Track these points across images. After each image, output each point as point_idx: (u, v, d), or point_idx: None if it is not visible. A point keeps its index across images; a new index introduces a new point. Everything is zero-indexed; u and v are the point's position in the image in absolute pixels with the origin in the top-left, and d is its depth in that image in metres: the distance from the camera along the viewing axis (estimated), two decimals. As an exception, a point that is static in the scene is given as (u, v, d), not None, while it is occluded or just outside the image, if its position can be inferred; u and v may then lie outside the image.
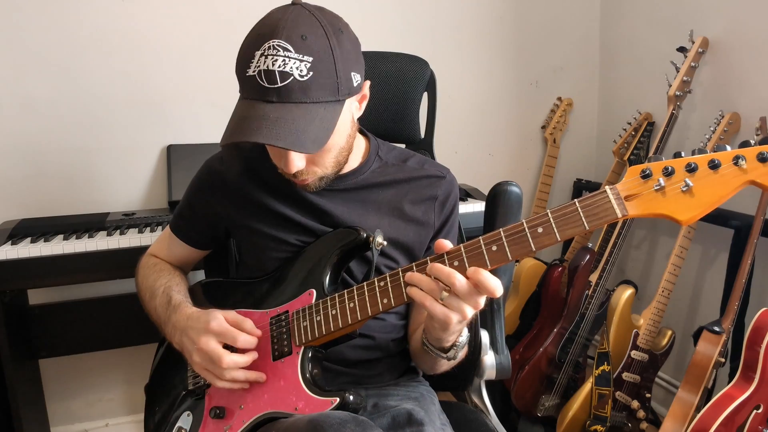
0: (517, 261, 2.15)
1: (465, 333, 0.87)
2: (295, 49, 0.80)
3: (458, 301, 0.75)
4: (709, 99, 1.83)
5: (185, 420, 0.95)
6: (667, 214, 0.69)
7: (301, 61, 0.80)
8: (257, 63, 0.81)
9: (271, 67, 0.80)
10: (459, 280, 0.74)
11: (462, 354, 0.90)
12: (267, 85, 0.80)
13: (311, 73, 0.81)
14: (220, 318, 0.88)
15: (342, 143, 0.92)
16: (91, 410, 2.04)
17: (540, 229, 0.73)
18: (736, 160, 0.67)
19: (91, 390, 2.03)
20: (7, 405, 1.63)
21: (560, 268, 1.97)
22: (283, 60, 0.80)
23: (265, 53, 0.80)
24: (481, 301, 0.76)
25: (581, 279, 1.83)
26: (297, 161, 0.88)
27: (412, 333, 1.03)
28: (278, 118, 0.80)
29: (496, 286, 0.73)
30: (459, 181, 1.96)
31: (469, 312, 0.76)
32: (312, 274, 0.94)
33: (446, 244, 0.79)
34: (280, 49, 0.80)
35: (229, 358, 0.86)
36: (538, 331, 1.95)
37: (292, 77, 0.80)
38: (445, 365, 0.95)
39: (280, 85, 0.80)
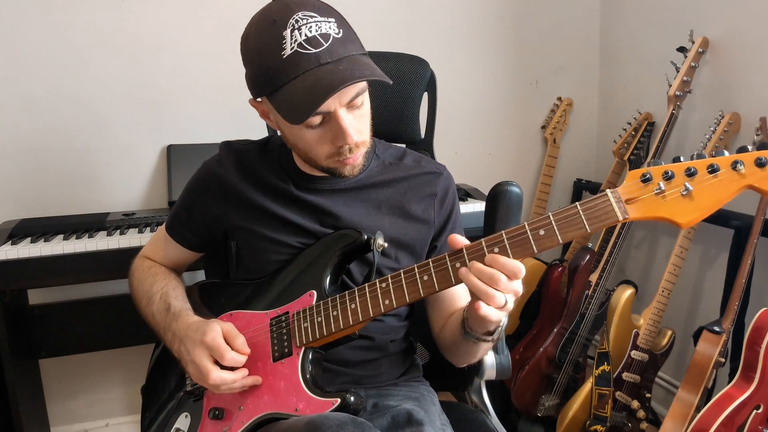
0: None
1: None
2: (318, 13, 0.83)
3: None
4: (709, 99, 1.83)
5: (183, 422, 0.94)
6: (667, 217, 0.70)
7: (328, 21, 0.83)
8: (292, 39, 0.81)
9: (309, 34, 0.81)
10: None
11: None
12: (315, 50, 0.81)
13: (341, 30, 0.84)
14: (216, 331, 0.87)
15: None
16: (91, 410, 2.04)
17: (542, 232, 0.74)
18: (735, 164, 0.68)
19: (91, 390, 2.03)
20: (7, 405, 1.63)
21: (560, 268, 1.97)
22: (316, 25, 0.82)
23: (294, 27, 0.81)
24: (514, 285, 0.75)
25: (581, 279, 1.83)
26: (364, 131, 0.90)
27: (441, 329, 1.01)
28: (346, 67, 0.82)
29: (515, 266, 0.74)
30: (459, 181, 1.98)
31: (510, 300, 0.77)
32: (312, 275, 0.94)
33: (460, 239, 0.79)
34: (307, 17, 0.82)
35: (216, 375, 0.85)
36: (538, 331, 1.95)
37: (331, 36, 0.82)
38: (485, 349, 0.94)
39: (326, 45, 0.82)
